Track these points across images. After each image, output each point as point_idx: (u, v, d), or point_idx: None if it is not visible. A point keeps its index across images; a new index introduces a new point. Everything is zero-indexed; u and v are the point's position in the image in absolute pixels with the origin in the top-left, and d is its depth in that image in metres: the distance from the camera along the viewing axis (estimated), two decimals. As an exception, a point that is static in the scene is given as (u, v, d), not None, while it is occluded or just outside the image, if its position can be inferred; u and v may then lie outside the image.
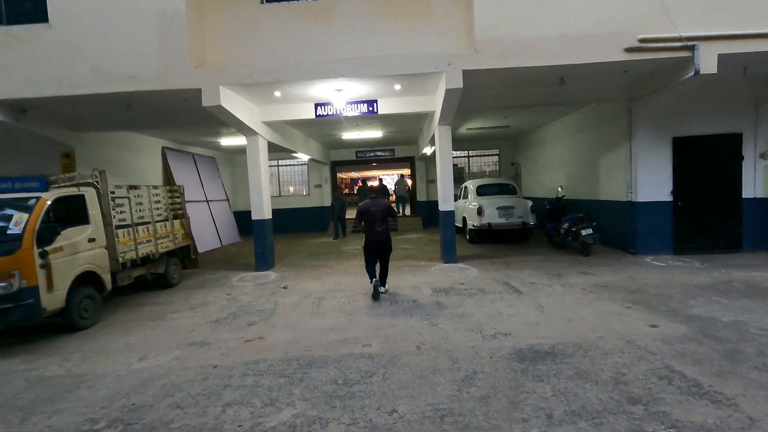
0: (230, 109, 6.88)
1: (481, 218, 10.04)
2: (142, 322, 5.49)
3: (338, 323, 5.00)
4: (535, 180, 13.71)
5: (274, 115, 8.27)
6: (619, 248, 8.61)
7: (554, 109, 10.06)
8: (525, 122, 11.66)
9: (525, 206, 10.10)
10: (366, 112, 8.08)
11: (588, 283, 6.24)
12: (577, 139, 10.37)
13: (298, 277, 7.79)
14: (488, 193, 10.94)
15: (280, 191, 16.61)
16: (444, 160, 8.16)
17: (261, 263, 8.40)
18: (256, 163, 8.30)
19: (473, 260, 8.44)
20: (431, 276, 7.27)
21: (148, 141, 11.00)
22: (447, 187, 8.19)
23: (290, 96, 7.65)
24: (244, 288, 7.13)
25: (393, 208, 6.54)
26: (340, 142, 13.94)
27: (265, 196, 8.45)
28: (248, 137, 8.27)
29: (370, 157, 16.45)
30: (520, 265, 7.74)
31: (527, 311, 5.08)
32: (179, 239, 7.80)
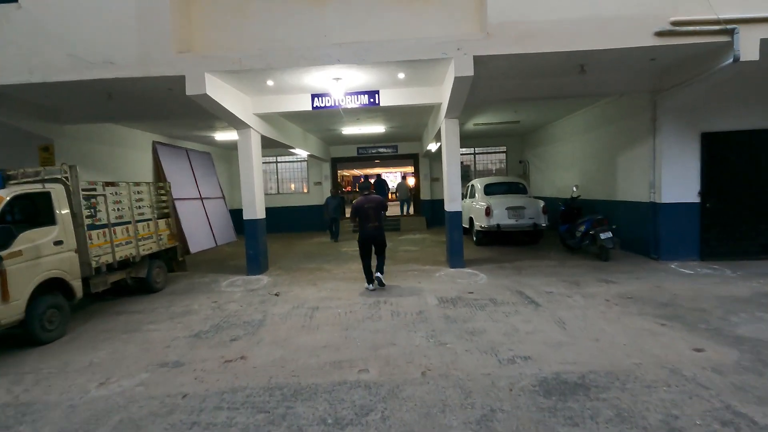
0: (218, 99, 6.28)
1: (489, 219, 9.41)
2: (115, 335, 4.92)
3: (332, 340, 4.41)
4: (545, 179, 13.06)
5: (267, 107, 7.67)
6: (640, 253, 7.98)
7: (569, 103, 9.41)
8: (536, 117, 11.01)
9: (536, 206, 9.47)
10: (367, 104, 7.46)
11: (611, 294, 5.61)
12: (594, 135, 9.72)
13: (293, 282, 7.21)
14: (496, 193, 10.32)
15: (278, 189, 16.04)
16: (451, 156, 7.54)
17: (253, 267, 7.82)
18: (248, 158, 7.71)
19: (482, 265, 7.83)
20: (437, 282, 6.66)
21: (138, 135, 10.43)
22: (454, 186, 7.58)
23: (284, 86, 7.04)
24: (233, 294, 6.54)
25: (386, 204, 6.68)
26: (340, 137, 13.33)
27: (257, 194, 7.86)
28: (239, 131, 7.68)
29: (372, 153, 15.84)
30: (533, 271, 7.12)
31: (547, 328, 4.47)
32: (164, 240, 7.22)
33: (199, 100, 6.16)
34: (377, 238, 6.35)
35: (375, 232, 6.31)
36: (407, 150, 15.73)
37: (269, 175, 16.07)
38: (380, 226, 6.36)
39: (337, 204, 12.35)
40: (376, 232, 6.31)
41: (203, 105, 6.40)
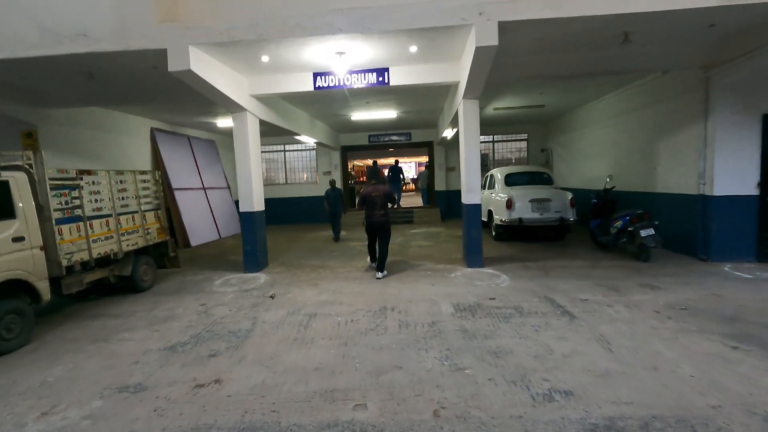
0: (206, 77, 5.56)
1: (510, 212, 8.55)
2: (82, 345, 4.30)
3: (327, 359, 3.69)
4: (571, 168, 12.05)
5: (265, 88, 6.92)
6: (685, 253, 7.03)
7: (603, 84, 8.40)
8: (564, 101, 10.01)
9: (563, 199, 8.55)
10: (375, 84, 6.64)
11: (660, 303, 4.75)
12: (630, 119, 8.69)
13: (292, 281, 6.52)
14: (518, 183, 9.42)
15: (286, 179, 15.39)
16: (469, 142, 6.69)
17: (250, 264, 7.16)
18: (244, 144, 7.00)
19: (503, 264, 7.01)
20: (452, 285, 5.88)
21: (134, 121, 9.84)
22: (473, 176, 6.74)
23: (282, 63, 6.27)
24: (224, 295, 5.89)
25: (393, 195, 6.76)
26: (350, 124, 12.54)
27: (255, 185, 7.16)
28: (234, 114, 6.96)
29: (384, 141, 15.01)
30: (563, 273, 6.28)
31: (588, 348, 3.66)
32: (153, 235, 6.60)
33: (184, 77, 5.44)
34: (383, 225, 6.56)
35: (381, 220, 6.54)
36: (421, 138, 14.86)
37: (277, 164, 15.44)
38: (386, 214, 6.58)
39: (338, 197, 10.44)
40: (382, 219, 6.54)
41: (190, 84, 5.68)
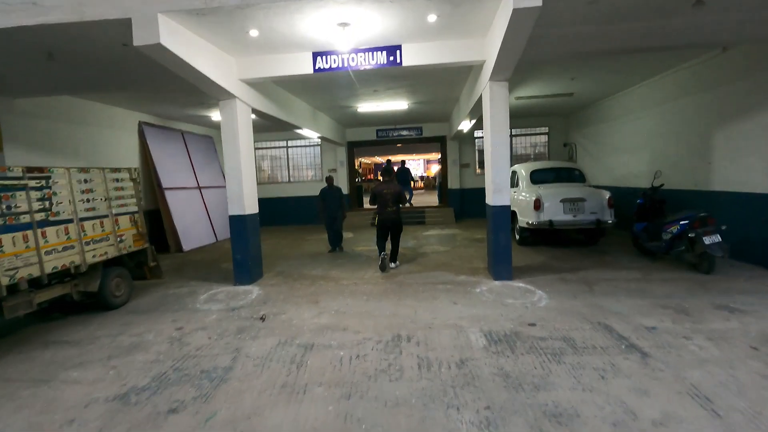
0: (181, 53, 4.60)
1: (539, 214, 7.50)
2: (15, 389, 3.38)
3: (323, 422, 2.71)
4: (599, 165, 10.92)
5: (257, 71, 5.95)
6: (753, 262, 5.94)
7: (649, 64, 7.28)
8: (597, 87, 8.90)
9: (599, 198, 7.48)
10: (385, 64, 5.64)
11: (753, 334, 3.70)
12: (680, 106, 7.56)
13: (288, 296, 5.56)
14: (546, 181, 8.37)
15: (289, 176, 14.46)
16: (497, 133, 5.65)
17: (241, 275, 6.22)
18: (232, 137, 6.05)
19: (534, 275, 5.98)
20: (479, 304, 4.87)
21: (119, 113, 8.95)
22: (501, 171, 5.70)
23: (275, 39, 5.29)
24: (207, 316, 4.95)
25: (403, 194, 6.95)
26: (356, 117, 11.54)
27: (246, 184, 6.20)
28: (222, 101, 6.01)
29: (393, 137, 14.01)
30: (611, 288, 5.23)
31: (684, 411, 2.64)
32: (128, 242, 5.68)
33: (154, 54, 4.49)
34: (395, 221, 6.77)
35: (393, 216, 6.74)
36: (433, 132, 13.82)
37: (280, 161, 14.52)
38: (398, 211, 6.78)
39: (337, 197, 8.35)
40: (394, 215, 6.75)
41: (164, 63, 4.73)
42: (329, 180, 8.60)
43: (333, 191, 8.42)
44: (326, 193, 8.39)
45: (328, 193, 8.38)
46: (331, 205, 8.33)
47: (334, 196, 8.37)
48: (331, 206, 8.32)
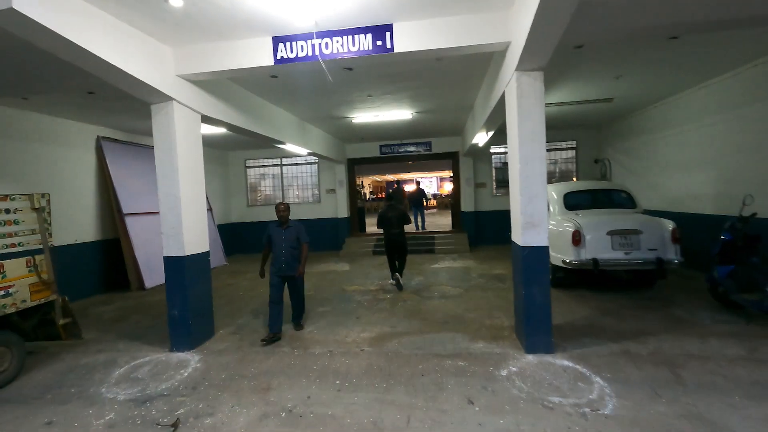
0: (60, 28, 3.11)
1: (579, 250, 5.75)
2: None
3: None
4: (643, 185, 9.09)
5: (201, 64, 4.45)
6: None
7: (720, 55, 5.57)
8: (645, 88, 7.14)
9: (661, 230, 5.71)
10: (371, 51, 4.09)
11: None
12: (761, 111, 5.82)
13: (232, 377, 3.90)
14: (584, 206, 6.64)
15: (283, 198, 12.98)
16: (528, 142, 3.98)
17: (179, 338, 4.60)
18: (168, 151, 4.52)
19: (583, 343, 4.22)
20: (508, 406, 3.13)
21: (72, 128, 7.58)
22: (535, 199, 4.00)
23: (214, 15, 3.80)
24: (100, 415, 3.32)
25: (407, 216, 7.16)
26: (353, 130, 10.04)
27: (188, 214, 4.63)
28: (153, 105, 4.52)
29: (398, 153, 12.45)
30: (707, 374, 3.44)
31: None
32: (20, 295, 4.14)
33: (10, 25, 3.00)
34: (401, 243, 7.01)
35: (398, 238, 6.96)
36: (444, 147, 12.23)
37: (274, 180, 13.08)
38: (402, 232, 6.99)
39: (290, 240, 4.87)
40: (399, 237, 6.96)
41: (33, 41, 3.24)
42: (281, 211, 4.85)
43: (285, 230, 4.85)
44: (275, 231, 4.87)
45: (277, 233, 4.84)
46: (281, 251, 4.80)
47: (287, 237, 4.82)
48: (283, 252, 4.80)
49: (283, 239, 4.82)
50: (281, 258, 4.80)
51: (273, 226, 4.91)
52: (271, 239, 4.88)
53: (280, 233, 4.86)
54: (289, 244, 4.83)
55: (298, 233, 4.90)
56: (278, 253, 4.81)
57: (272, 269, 4.86)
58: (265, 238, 4.90)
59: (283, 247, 4.81)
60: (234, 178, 12.97)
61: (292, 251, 4.84)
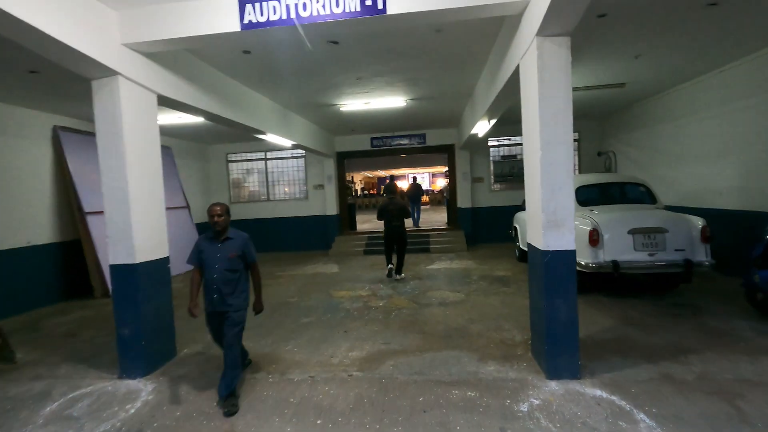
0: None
1: (596, 251, 5.09)
2: None
3: None
4: (652, 178, 8.39)
5: (152, 30, 3.65)
6: None
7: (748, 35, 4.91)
8: (663, 72, 6.47)
9: (688, 228, 5.07)
10: (358, 13, 3.34)
11: None
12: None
13: (187, 415, 3.14)
14: (597, 201, 5.99)
15: (268, 194, 12.17)
16: (551, 122, 3.26)
17: (129, 363, 3.82)
18: (112, 135, 3.73)
19: (614, 364, 3.54)
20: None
21: (23, 116, 6.70)
22: (560, 192, 3.28)
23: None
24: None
25: (407, 209, 7.50)
26: (342, 120, 9.26)
27: (138, 211, 3.84)
28: (94, 81, 3.72)
29: (391, 146, 11.71)
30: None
31: None
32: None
33: None
34: (400, 235, 7.25)
35: (398, 229, 7.21)
36: (439, 140, 11.51)
37: (257, 176, 12.25)
38: (402, 224, 7.26)
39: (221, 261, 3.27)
40: (399, 229, 7.21)
41: None
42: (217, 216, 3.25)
43: (221, 244, 3.32)
44: (206, 247, 3.33)
45: (210, 249, 3.31)
46: (213, 275, 3.27)
47: (223, 255, 3.29)
48: (216, 277, 3.27)
49: (218, 258, 3.25)
50: (213, 285, 3.25)
51: (204, 239, 3.36)
52: (201, 258, 3.31)
53: (213, 249, 3.28)
54: (226, 265, 3.25)
55: (243, 249, 3.33)
56: (210, 278, 3.26)
57: (205, 302, 3.35)
58: (192, 255, 3.34)
59: (217, 270, 3.23)
60: (215, 173, 12.12)
61: (230, 276, 3.27)
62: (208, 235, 3.36)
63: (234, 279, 3.30)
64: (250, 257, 3.39)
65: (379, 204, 9.60)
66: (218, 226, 3.26)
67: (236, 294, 3.32)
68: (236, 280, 3.32)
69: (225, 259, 3.27)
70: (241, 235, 3.40)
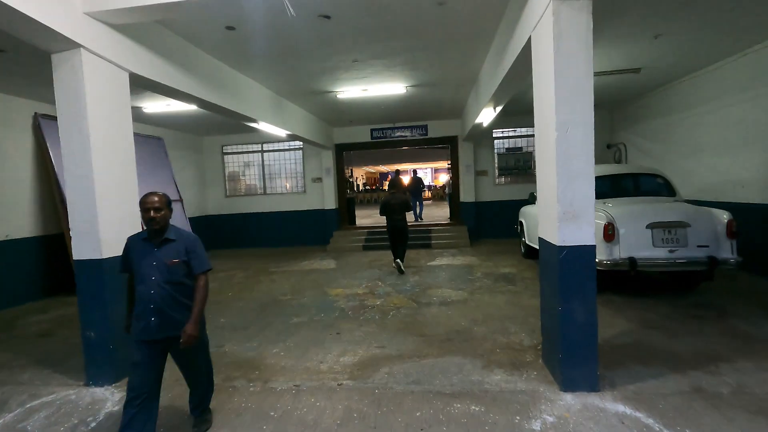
0: None
1: (611, 247, 4.68)
2: None
3: None
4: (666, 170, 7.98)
5: (119, -1, 3.26)
6: None
7: None
8: (683, 55, 6.00)
9: (712, 223, 4.66)
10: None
11: None
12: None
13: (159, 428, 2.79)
14: (611, 193, 5.58)
15: (265, 188, 11.79)
16: (568, 98, 2.84)
17: (97, 368, 3.45)
18: (75, 116, 3.34)
19: (634, 374, 3.15)
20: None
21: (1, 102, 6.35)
22: (578, 179, 2.87)
23: None
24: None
25: (409, 204, 7.66)
26: (340, 109, 8.85)
27: (106, 201, 3.47)
28: (54, 55, 3.32)
29: (391, 137, 11.28)
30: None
31: None
32: None
33: None
34: (402, 228, 7.33)
35: (400, 224, 7.30)
36: (441, 131, 11.08)
37: (254, 168, 11.87)
38: (404, 218, 7.35)
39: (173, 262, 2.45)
40: (401, 223, 7.30)
41: None
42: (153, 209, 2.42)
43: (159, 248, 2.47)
44: (138, 250, 2.50)
45: (144, 253, 2.47)
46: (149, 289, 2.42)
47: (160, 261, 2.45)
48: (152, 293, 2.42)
49: (153, 267, 2.42)
50: (148, 305, 2.40)
51: (135, 241, 2.52)
52: (131, 265, 2.50)
53: (147, 254, 2.45)
54: (166, 276, 2.42)
55: (188, 254, 2.49)
56: (143, 294, 2.41)
57: (134, 326, 2.46)
58: (122, 258, 2.56)
59: (152, 284, 2.40)
60: (210, 165, 11.74)
61: (173, 290, 2.44)
62: (142, 235, 2.54)
63: (178, 295, 2.46)
64: (197, 266, 2.50)
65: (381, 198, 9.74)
66: (155, 224, 2.41)
67: (178, 313, 2.45)
68: (181, 297, 2.47)
69: (163, 268, 2.42)
70: (186, 236, 2.56)
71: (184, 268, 2.48)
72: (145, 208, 2.43)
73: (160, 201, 2.45)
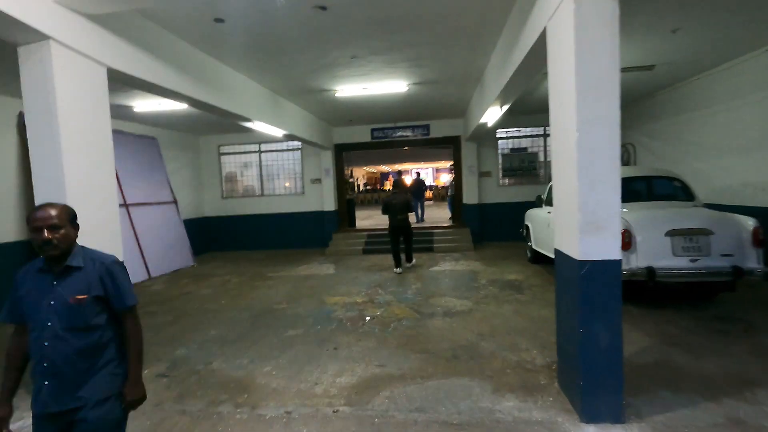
0: None
1: (628, 255, 4.37)
2: None
3: None
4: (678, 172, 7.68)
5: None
6: None
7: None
8: (701, 50, 5.68)
9: (737, 230, 4.35)
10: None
11: None
12: None
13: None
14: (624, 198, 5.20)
15: (262, 189, 11.49)
16: (590, 93, 2.56)
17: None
18: (43, 113, 3.03)
19: (661, 402, 2.84)
20: None
21: (-21, 100, 6.06)
22: (601, 186, 2.58)
23: None
24: None
25: (411, 204, 7.85)
26: (338, 109, 8.54)
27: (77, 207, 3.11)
28: (20, 48, 3.03)
29: (393, 137, 10.97)
30: None
31: None
32: None
33: None
34: (405, 228, 7.50)
35: (402, 223, 7.44)
36: (444, 131, 10.76)
37: (251, 169, 11.56)
38: (406, 218, 7.49)
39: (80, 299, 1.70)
40: (403, 223, 7.44)
41: None
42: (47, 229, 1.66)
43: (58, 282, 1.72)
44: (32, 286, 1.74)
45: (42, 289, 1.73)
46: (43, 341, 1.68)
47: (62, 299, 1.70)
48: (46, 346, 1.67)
49: (50, 308, 1.70)
50: (41, 360, 1.68)
51: (29, 272, 1.78)
52: (23, 307, 1.74)
53: (44, 289, 1.73)
54: (65, 321, 1.70)
55: (103, 286, 1.77)
56: (36, 346, 1.70)
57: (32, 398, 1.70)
58: (6, 304, 1.79)
59: (48, 331, 1.69)
60: (206, 166, 11.45)
61: (77, 341, 1.70)
62: (38, 264, 1.77)
63: (86, 345, 1.72)
64: (117, 300, 1.79)
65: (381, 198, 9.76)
66: (52, 249, 1.68)
67: (93, 372, 1.73)
68: (91, 348, 1.73)
69: (62, 310, 1.69)
70: (99, 259, 1.80)
71: (95, 306, 1.74)
72: (35, 226, 1.66)
73: (59, 215, 1.70)
